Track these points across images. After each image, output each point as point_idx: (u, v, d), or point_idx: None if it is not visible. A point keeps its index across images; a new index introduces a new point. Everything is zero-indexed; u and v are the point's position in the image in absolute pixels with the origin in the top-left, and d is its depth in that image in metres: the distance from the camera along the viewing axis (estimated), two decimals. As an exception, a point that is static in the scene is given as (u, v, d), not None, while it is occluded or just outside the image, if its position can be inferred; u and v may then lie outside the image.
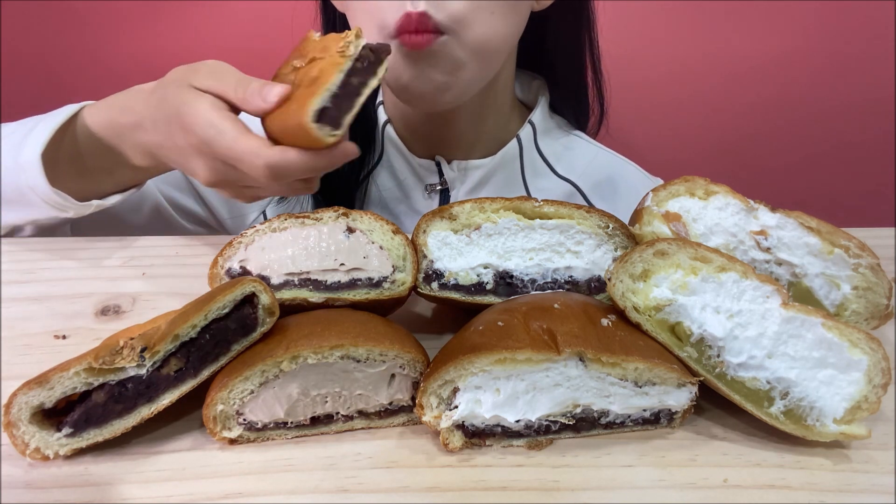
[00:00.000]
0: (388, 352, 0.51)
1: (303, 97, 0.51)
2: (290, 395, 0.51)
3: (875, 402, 0.50)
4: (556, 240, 0.60)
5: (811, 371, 0.51)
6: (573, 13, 0.90)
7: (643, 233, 0.59)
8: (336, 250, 0.58)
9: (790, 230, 0.57)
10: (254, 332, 0.53)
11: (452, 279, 0.59)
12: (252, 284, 0.52)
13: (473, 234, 0.60)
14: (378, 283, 0.58)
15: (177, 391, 0.50)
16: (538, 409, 0.51)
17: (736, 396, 0.51)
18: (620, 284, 0.53)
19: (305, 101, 0.50)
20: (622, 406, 0.51)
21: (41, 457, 0.49)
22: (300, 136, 0.51)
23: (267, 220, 0.59)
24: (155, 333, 0.49)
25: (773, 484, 0.48)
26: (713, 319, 0.52)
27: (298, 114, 0.50)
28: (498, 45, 0.76)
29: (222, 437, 0.51)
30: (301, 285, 0.58)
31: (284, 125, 0.52)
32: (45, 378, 0.47)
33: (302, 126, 0.50)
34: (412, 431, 0.54)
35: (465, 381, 0.50)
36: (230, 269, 0.59)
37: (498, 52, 0.77)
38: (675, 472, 0.49)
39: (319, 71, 0.52)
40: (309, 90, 0.51)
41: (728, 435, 0.53)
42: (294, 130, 0.51)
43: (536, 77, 1.00)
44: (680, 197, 0.60)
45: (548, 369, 0.50)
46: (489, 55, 0.75)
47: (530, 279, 0.60)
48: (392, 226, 0.59)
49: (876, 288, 0.56)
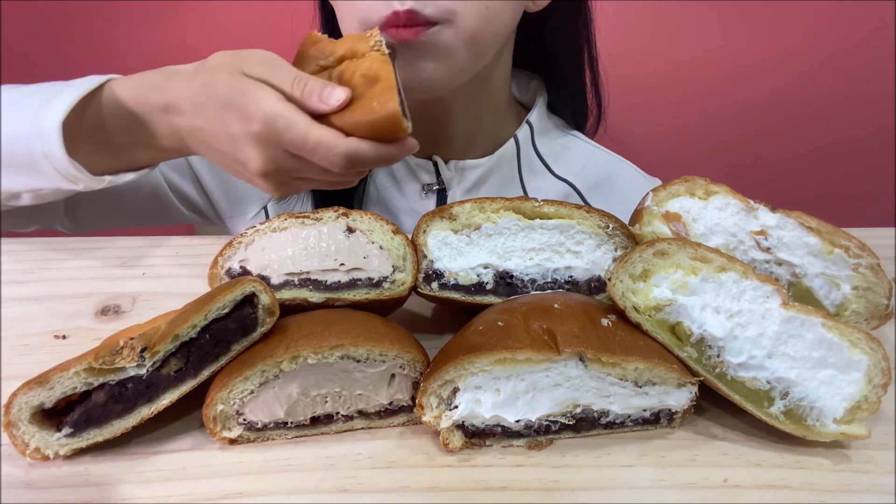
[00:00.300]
0: (388, 352, 0.51)
1: (375, 94, 0.54)
2: (290, 395, 0.51)
3: (875, 402, 0.50)
4: (556, 240, 0.60)
5: (811, 371, 0.51)
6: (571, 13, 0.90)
7: (643, 233, 0.59)
8: (336, 250, 0.58)
9: (790, 230, 0.57)
10: (254, 332, 0.53)
11: (452, 279, 0.59)
12: (252, 284, 0.52)
13: (473, 234, 0.60)
14: (378, 283, 0.58)
15: (177, 391, 0.50)
16: (538, 409, 0.51)
17: (736, 396, 0.51)
18: (620, 284, 0.53)
19: (385, 97, 0.54)
20: (622, 406, 0.51)
21: (41, 457, 0.49)
22: (381, 128, 0.54)
23: (267, 220, 0.59)
24: (155, 333, 0.49)
25: (773, 484, 0.48)
26: (713, 319, 0.52)
27: (386, 108, 0.53)
28: (490, 36, 0.75)
29: (222, 437, 0.51)
30: (301, 285, 0.58)
31: (360, 119, 0.55)
32: (45, 378, 0.47)
33: (395, 119, 0.53)
34: (412, 431, 0.54)
35: (465, 381, 0.50)
36: (230, 269, 0.59)
37: (490, 44, 0.77)
38: (675, 472, 0.49)
39: (370, 69, 0.56)
40: (379, 87, 0.55)
41: (728, 435, 0.53)
42: (376, 123, 0.54)
43: (534, 77, 1.00)
44: (680, 197, 0.60)
45: (548, 369, 0.50)
46: (481, 46, 0.75)
47: (530, 279, 0.60)
48: (392, 226, 0.59)
49: (876, 288, 0.56)
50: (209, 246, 0.76)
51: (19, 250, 0.75)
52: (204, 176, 0.93)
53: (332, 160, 0.56)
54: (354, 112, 0.55)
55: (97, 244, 0.76)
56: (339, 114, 0.55)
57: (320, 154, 0.56)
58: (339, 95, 0.55)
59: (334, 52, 0.59)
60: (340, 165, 0.56)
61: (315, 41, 0.61)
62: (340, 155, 0.55)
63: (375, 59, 0.57)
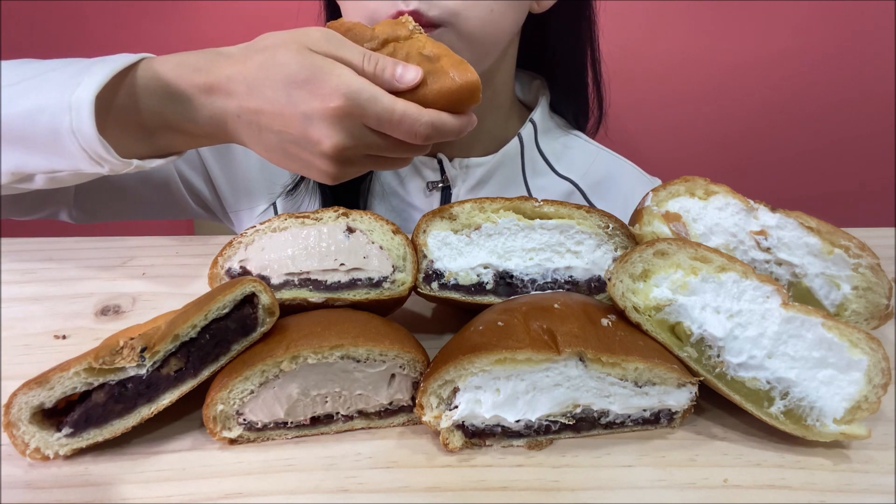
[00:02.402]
0: (388, 352, 0.51)
1: (446, 67, 0.58)
2: (290, 395, 0.51)
3: (875, 402, 0.50)
4: (556, 240, 0.60)
5: (811, 371, 0.51)
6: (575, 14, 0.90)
7: (643, 233, 0.59)
8: (336, 250, 0.58)
9: (790, 230, 0.57)
10: (254, 332, 0.53)
11: (452, 279, 0.59)
12: (252, 284, 0.52)
13: (473, 234, 0.60)
14: (378, 283, 0.58)
15: (177, 391, 0.50)
16: (538, 409, 0.51)
17: (736, 396, 0.51)
18: (620, 284, 0.53)
19: (461, 69, 0.57)
20: (622, 406, 0.51)
21: (41, 457, 0.49)
22: (460, 98, 0.58)
23: (267, 220, 0.59)
24: (155, 333, 0.49)
25: (773, 484, 0.48)
26: (713, 319, 0.52)
27: (466, 76, 0.57)
28: (495, 37, 0.76)
29: (222, 437, 0.51)
30: (301, 285, 0.58)
31: (439, 89, 0.57)
32: (45, 378, 0.47)
33: (475, 87, 0.57)
34: (412, 431, 0.54)
35: (465, 381, 0.50)
36: (230, 269, 0.59)
37: (494, 45, 0.77)
38: (675, 472, 0.49)
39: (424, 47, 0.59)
40: (446, 61, 0.58)
41: (728, 435, 0.53)
42: (456, 93, 0.57)
43: (537, 77, 1.00)
44: (680, 197, 0.60)
45: (548, 369, 0.50)
46: (485, 48, 0.75)
47: (530, 279, 0.60)
48: (392, 226, 0.59)
49: (876, 288, 0.56)
50: (209, 246, 0.76)
51: (19, 250, 0.75)
52: (213, 168, 0.92)
53: (416, 131, 0.57)
54: (432, 85, 0.57)
55: (97, 244, 0.76)
56: (412, 91, 0.57)
57: (405, 126, 0.56)
58: (414, 73, 0.57)
59: (376, 37, 0.60)
60: (423, 136, 0.57)
61: (348, 28, 0.61)
62: (426, 125, 0.57)
63: (426, 39, 0.60)
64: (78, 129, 0.58)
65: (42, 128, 0.60)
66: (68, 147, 0.60)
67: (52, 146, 0.61)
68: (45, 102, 0.59)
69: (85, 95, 0.58)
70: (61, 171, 0.64)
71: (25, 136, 0.61)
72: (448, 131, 0.58)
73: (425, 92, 0.57)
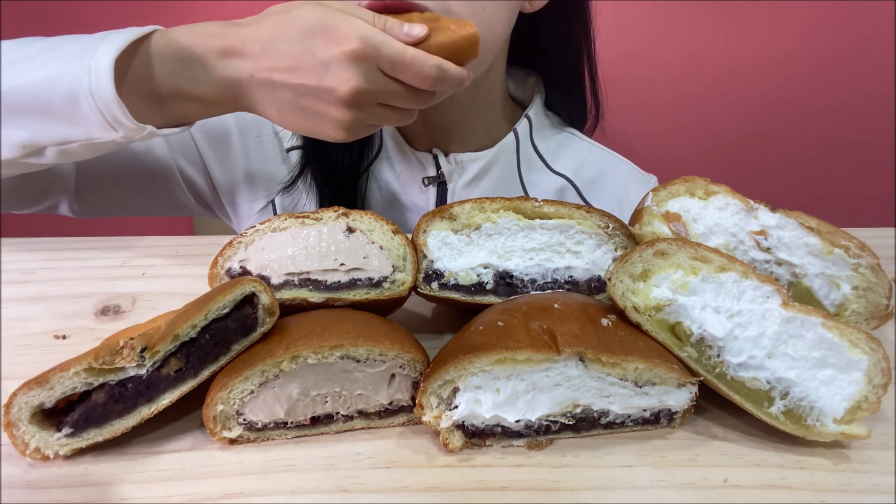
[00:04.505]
0: (388, 352, 0.51)
1: (447, 24, 0.63)
2: (290, 395, 0.51)
3: (875, 402, 0.50)
4: (556, 240, 0.60)
5: (811, 371, 0.51)
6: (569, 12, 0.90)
7: (643, 233, 0.59)
8: (336, 250, 0.58)
9: (790, 230, 0.57)
10: (254, 332, 0.53)
11: (452, 279, 0.59)
12: (252, 284, 0.52)
13: (473, 234, 0.60)
14: (378, 283, 0.58)
15: (177, 391, 0.50)
16: (538, 409, 0.51)
17: (736, 396, 0.51)
18: (620, 284, 0.53)
19: (459, 23, 0.63)
20: (622, 406, 0.51)
21: (41, 457, 0.49)
22: (461, 48, 0.63)
23: (267, 220, 0.59)
24: (155, 333, 0.49)
25: (773, 484, 0.48)
26: (713, 319, 0.52)
27: (466, 28, 0.63)
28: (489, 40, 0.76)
29: (222, 437, 0.51)
30: (301, 285, 0.58)
31: (442, 40, 0.63)
32: (45, 378, 0.47)
33: (475, 38, 0.63)
34: (412, 431, 0.54)
35: (465, 381, 0.50)
36: (230, 269, 0.59)
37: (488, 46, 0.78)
38: (675, 472, 0.49)
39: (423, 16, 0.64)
40: (445, 20, 0.64)
41: (728, 435, 0.53)
42: (458, 43, 0.63)
43: (532, 74, 1.01)
44: (680, 197, 0.60)
45: (548, 369, 0.50)
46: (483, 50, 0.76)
47: (530, 279, 0.60)
48: (392, 226, 0.59)
49: (876, 288, 0.56)
50: (209, 246, 0.76)
51: (19, 250, 0.75)
52: (210, 161, 0.93)
53: (426, 73, 0.61)
54: (435, 38, 0.62)
55: (97, 244, 0.76)
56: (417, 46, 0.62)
57: (416, 67, 0.60)
58: (420, 28, 0.62)
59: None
60: (432, 79, 0.61)
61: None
62: (434, 67, 0.61)
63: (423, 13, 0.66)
64: (97, 89, 0.60)
65: (59, 93, 0.61)
66: (84, 111, 0.61)
67: (67, 113, 0.62)
68: (63, 70, 0.61)
69: (105, 59, 0.60)
70: (73, 141, 0.65)
71: (40, 106, 0.62)
72: (452, 78, 0.62)
73: (429, 44, 0.62)
